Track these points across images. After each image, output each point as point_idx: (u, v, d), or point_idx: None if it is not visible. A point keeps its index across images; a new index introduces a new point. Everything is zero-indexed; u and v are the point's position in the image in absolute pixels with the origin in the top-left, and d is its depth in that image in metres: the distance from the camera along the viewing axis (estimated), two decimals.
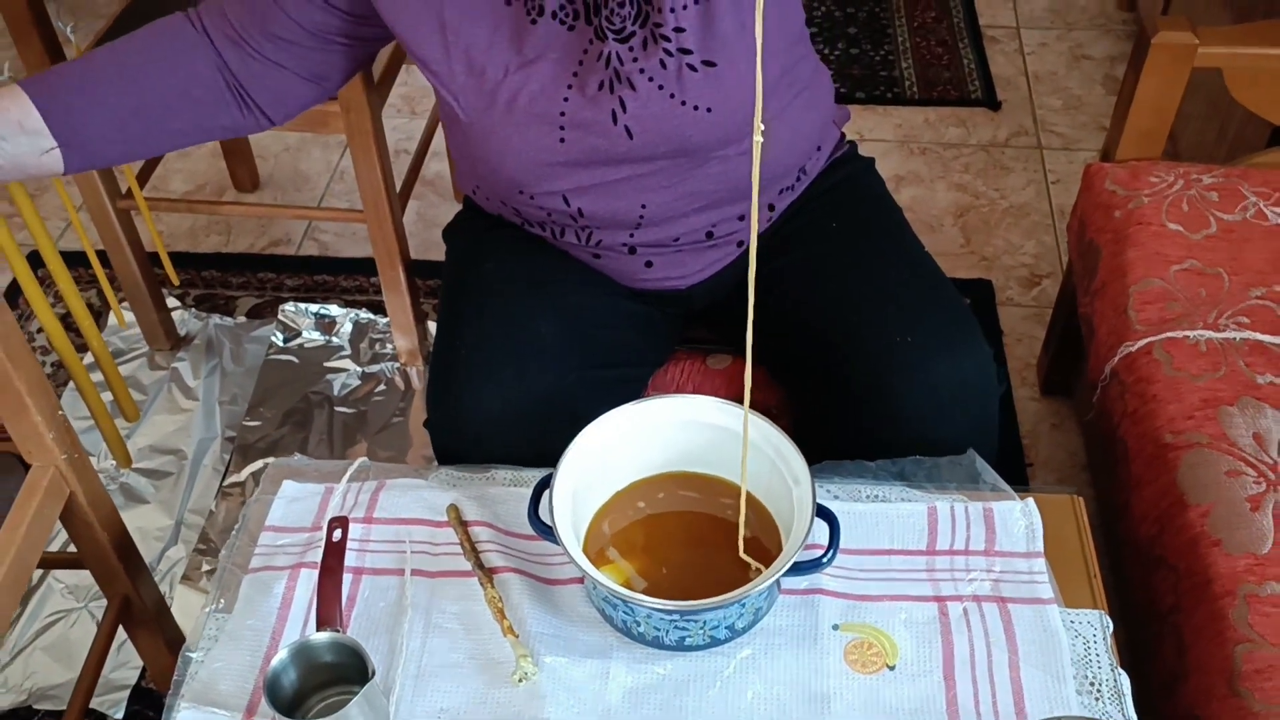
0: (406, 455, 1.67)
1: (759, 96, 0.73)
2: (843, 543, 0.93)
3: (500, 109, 1.07)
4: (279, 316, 1.84)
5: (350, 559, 1.00)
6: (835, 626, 0.93)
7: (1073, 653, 0.90)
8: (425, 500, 1.05)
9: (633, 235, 1.16)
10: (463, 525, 1.02)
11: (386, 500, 1.05)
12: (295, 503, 1.06)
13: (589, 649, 0.92)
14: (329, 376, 1.77)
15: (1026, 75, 2.32)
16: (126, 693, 1.43)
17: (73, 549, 1.22)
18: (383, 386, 1.76)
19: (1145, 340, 1.25)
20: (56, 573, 1.54)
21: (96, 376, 1.69)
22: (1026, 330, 1.83)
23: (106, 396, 1.68)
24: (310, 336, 1.82)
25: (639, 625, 0.90)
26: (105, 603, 1.49)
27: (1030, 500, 1.00)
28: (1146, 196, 1.37)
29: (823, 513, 0.91)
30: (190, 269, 1.96)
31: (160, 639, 1.31)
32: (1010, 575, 0.95)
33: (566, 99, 1.06)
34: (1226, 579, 1.03)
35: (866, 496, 1.03)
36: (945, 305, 1.13)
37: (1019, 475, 1.62)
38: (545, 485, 0.95)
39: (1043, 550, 0.97)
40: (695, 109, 1.05)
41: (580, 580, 0.97)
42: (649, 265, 1.19)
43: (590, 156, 1.09)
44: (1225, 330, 1.24)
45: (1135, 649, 1.17)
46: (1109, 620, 0.92)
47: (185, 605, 1.49)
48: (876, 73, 2.33)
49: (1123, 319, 1.29)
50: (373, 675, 0.83)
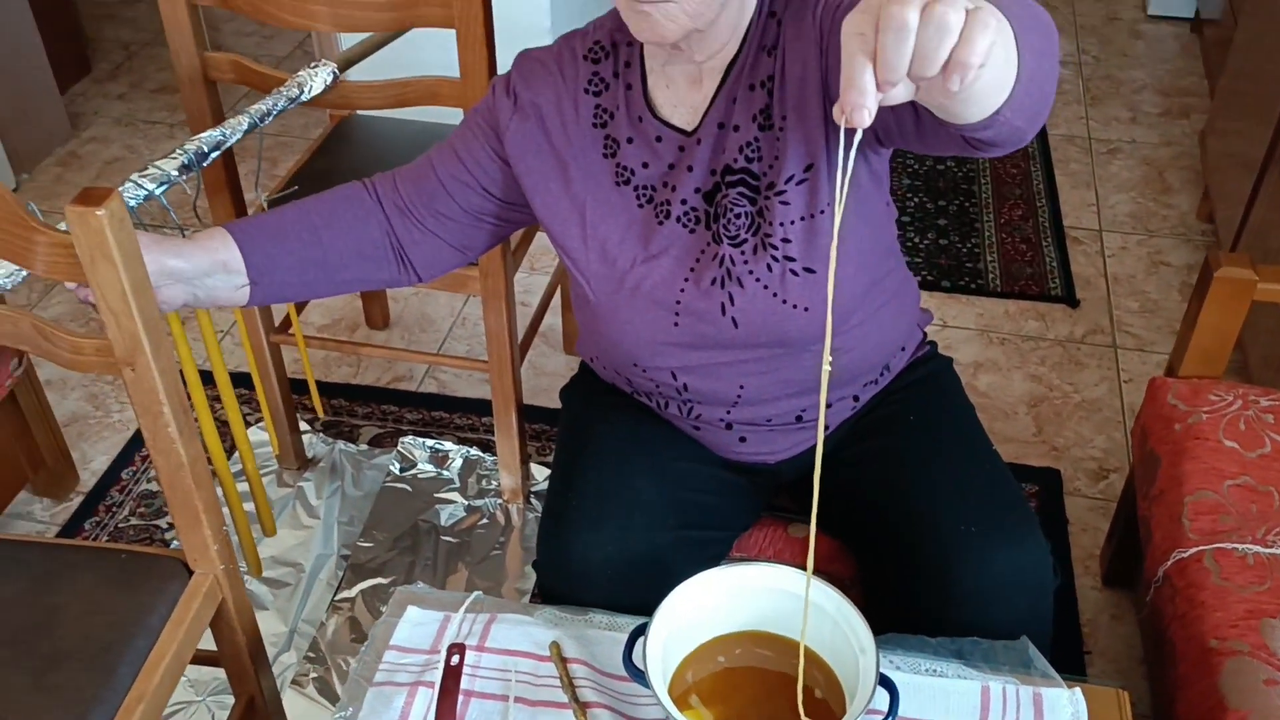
0: (503, 587, 1.81)
1: (829, 331, 0.87)
2: (901, 711, 1.04)
3: (625, 293, 1.25)
4: (398, 447, 2.02)
5: (462, 682, 1.14)
6: None
7: None
8: (531, 635, 1.18)
9: (729, 412, 1.31)
10: (563, 661, 1.15)
11: (498, 632, 1.19)
12: (418, 627, 1.21)
13: None
14: (438, 506, 1.93)
15: (1106, 276, 2.46)
16: None
17: (211, 648, 1.38)
18: (485, 520, 1.91)
19: (1196, 549, 1.35)
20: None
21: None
22: (1092, 521, 1.93)
23: (248, 507, 1.86)
24: (424, 468, 1.99)
25: None
26: (222, 698, 1.64)
27: (1078, 690, 1.10)
28: (1206, 413, 1.49)
29: (885, 681, 1.02)
30: (321, 397, 2.15)
31: None
32: None
33: (683, 289, 1.23)
34: None
35: (925, 670, 1.13)
36: (1007, 501, 1.24)
37: (1076, 663, 1.70)
38: (640, 632, 1.08)
39: None
40: (795, 308, 1.20)
41: None
42: (743, 440, 1.33)
43: (699, 340, 1.25)
44: (1273, 546, 1.33)
45: None
46: None
47: (293, 708, 1.62)
48: (963, 263, 2.49)
49: (1177, 526, 1.39)
50: None
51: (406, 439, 2.03)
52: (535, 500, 1.94)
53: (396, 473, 1.99)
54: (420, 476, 1.98)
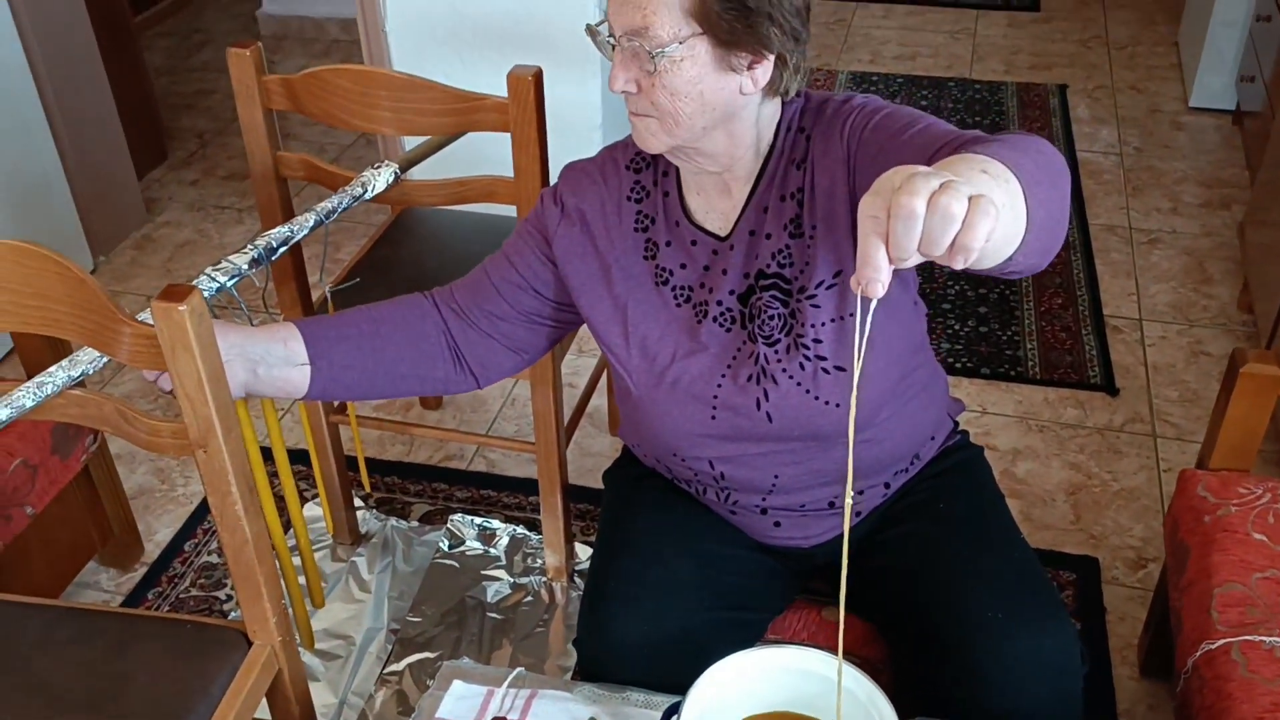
0: (545, 663, 1.85)
1: (851, 428, 0.93)
2: None
3: (665, 387, 1.31)
4: (448, 525, 2.09)
5: None
6: None
7: None
8: (570, 711, 1.23)
9: (764, 500, 1.36)
10: None
11: (539, 707, 1.24)
12: (462, 700, 1.26)
13: None
14: (485, 583, 1.99)
15: (1146, 365, 2.49)
16: None
17: (267, 717, 1.44)
18: (530, 597, 1.97)
19: (1224, 640, 1.37)
20: None
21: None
22: (1129, 610, 1.94)
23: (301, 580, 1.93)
24: (472, 545, 2.06)
25: None
26: None
27: None
28: (1235, 506, 1.51)
29: None
30: (375, 474, 2.24)
31: None
32: None
33: (720, 385, 1.29)
34: None
35: None
36: (1034, 587, 1.28)
37: None
38: (674, 710, 1.13)
39: None
40: (826, 404, 1.26)
41: None
42: (778, 525, 1.39)
43: (735, 433, 1.31)
44: None
45: None
46: None
47: None
48: (1002, 350, 2.53)
49: (1206, 618, 1.41)
50: None
51: (456, 517, 2.10)
52: (579, 579, 1.99)
53: (445, 549, 2.05)
54: (468, 553, 2.05)
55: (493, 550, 2.05)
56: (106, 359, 1.24)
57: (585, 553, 2.01)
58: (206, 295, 1.40)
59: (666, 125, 1.18)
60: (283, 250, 1.50)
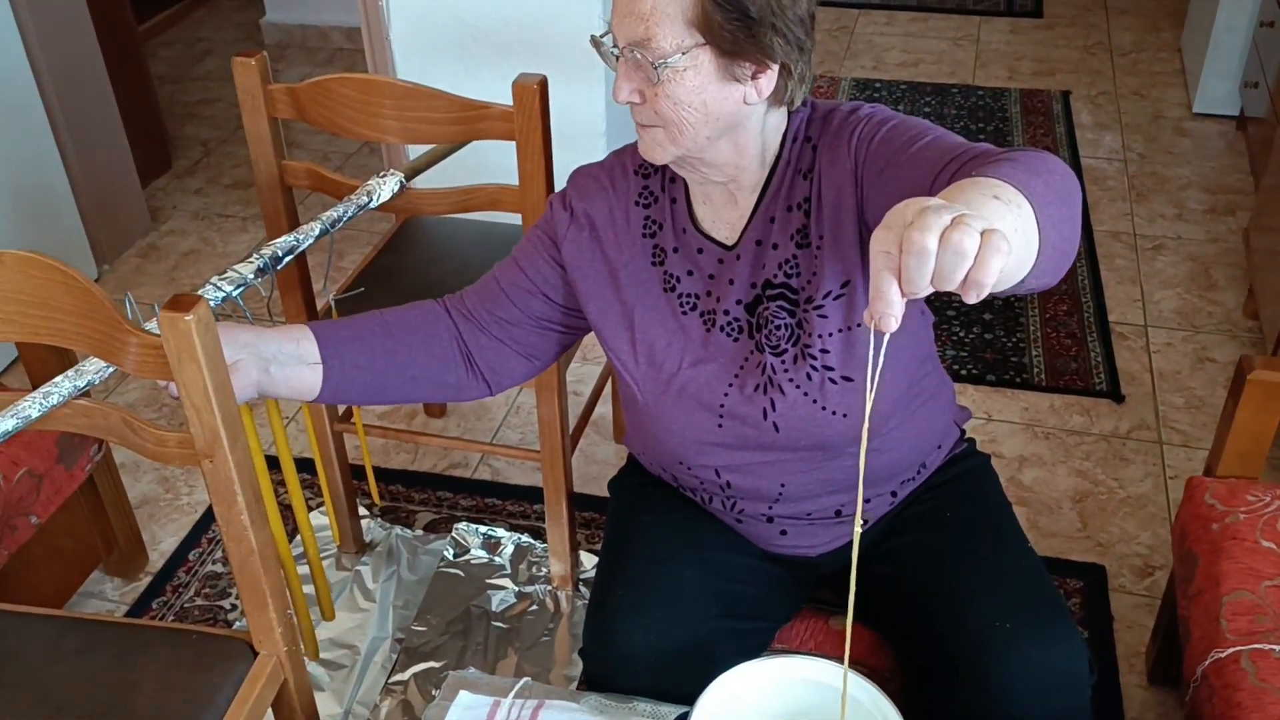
0: (551, 673, 1.85)
1: (862, 459, 0.93)
2: None
3: (672, 396, 1.31)
4: (452, 533, 2.09)
5: None
6: None
7: None
8: None
9: (771, 508, 1.36)
10: None
11: (545, 717, 1.23)
12: (468, 711, 1.26)
13: None
14: (490, 592, 1.99)
15: (1151, 372, 2.48)
16: None
17: None
18: (535, 606, 1.96)
19: (1233, 649, 1.36)
20: None
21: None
22: (1137, 618, 1.93)
23: (307, 589, 1.93)
24: (477, 554, 2.06)
25: None
26: None
27: None
28: (1243, 513, 1.51)
29: None
30: (380, 483, 2.23)
31: None
32: None
33: (726, 394, 1.29)
34: None
35: None
36: (1041, 597, 1.27)
37: None
38: None
39: None
40: (833, 414, 1.26)
41: None
42: (784, 534, 1.38)
43: (742, 442, 1.31)
44: None
45: None
46: None
47: None
48: (1008, 358, 2.52)
49: (1215, 626, 1.41)
50: None
51: (460, 525, 2.10)
52: (584, 587, 1.99)
53: (450, 558, 2.05)
54: (473, 562, 2.04)
55: (498, 559, 2.05)
56: (112, 368, 1.23)
57: (590, 561, 2.01)
58: (212, 305, 1.40)
59: (671, 135, 1.18)
60: (288, 260, 1.50)
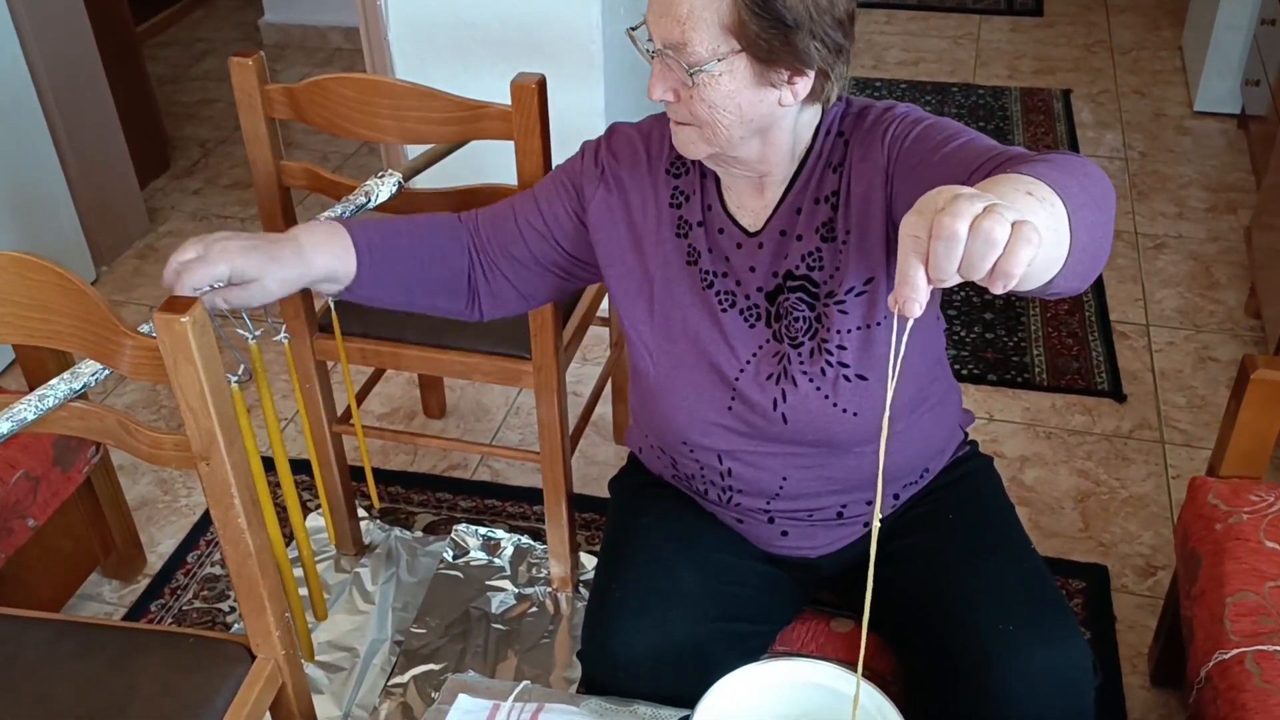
0: (551, 675, 1.84)
1: (882, 452, 0.92)
2: None
3: (685, 369, 1.30)
4: (452, 535, 2.08)
5: None
6: None
7: None
8: None
9: (769, 504, 1.35)
10: None
11: None
12: (467, 715, 1.25)
13: None
14: (489, 594, 1.98)
15: (1153, 371, 2.47)
16: None
17: None
18: (535, 608, 1.95)
19: (1238, 650, 1.36)
20: None
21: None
22: (1139, 619, 1.92)
23: (302, 591, 1.92)
24: (476, 556, 2.05)
25: None
26: None
27: None
28: (1246, 514, 1.50)
29: None
30: (379, 484, 2.23)
31: None
32: None
33: (738, 379, 1.28)
34: None
35: None
36: (1044, 599, 1.26)
37: None
38: None
39: None
40: (844, 411, 1.25)
41: None
42: (785, 534, 1.37)
43: (748, 430, 1.30)
44: None
45: None
46: None
47: None
48: (1009, 357, 2.52)
49: (1218, 627, 1.40)
50: None
51: (460, 527, 2.09)
52: (584, 589, 1.98)
53: (449, 560, 2.04)
54: (472, 564, 2.03)
55: (497, 560, 2.04)
56: (108, 371, 1.23)
57: (591, 562, 2.00)
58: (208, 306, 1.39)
59: (705, 134, 1.17)
60: None
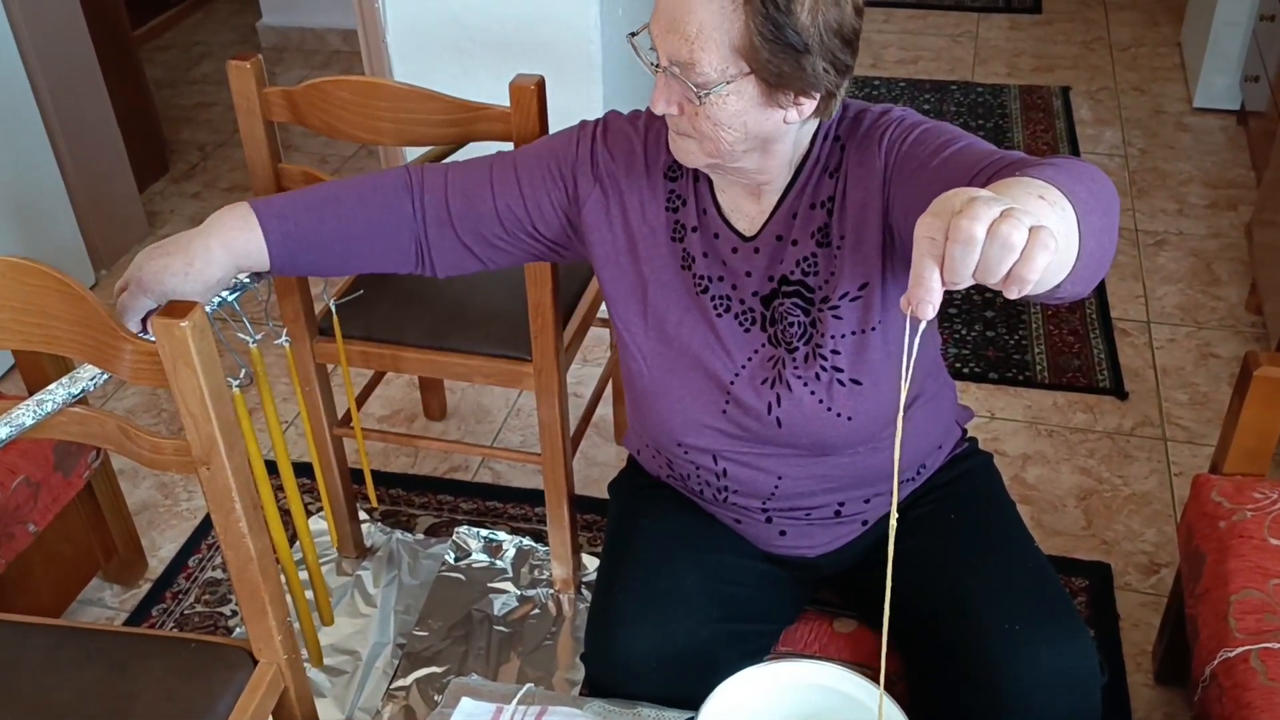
0: (554, 677, 1.84)
1: (897, 455, 0.92)
2: None
3: (680, 372, 1.30)
4: (453, 537, 2.07)
5: None
6: None
7: None
8: None
9: (765, 503, 1.34)
10: None
11: None
12: (470, 718, 1.25)
13: None
14: (491, 596, 1.97)
15: (1155, 368, 2.47)
16: None
17: None
18: (537, 610, 1.95)
19: (1243, 648, 1.35)
20: None
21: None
22: (1143, 617, 1.92)
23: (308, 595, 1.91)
24: (478, 558, 2.04)
25: None
26: None
27: None
28: (1250, 511, 1.50)
29: None
30: (380, 486, 2.22)
31: None
32: None
33: (733, 382, 1.28)
34: None
35: None
36: (1051, 598, 1.26)
37: None
38: None
39: None
40: (838, 416, 1.25)
41: None
42: (783, 534, 1.37)
43: (743, 433, 1.29)
44: None
45: None
46: None
47: None
48: (1010, 356, 2.51)
49: (1223, 625, 1.40)
50: None
51: (461, 529, 2.09)
52: (586, 590, 1.98)
53: (451, 562, 2.03)
54: (474, 566, 2.03)
55: (499, 562, 2.03)
56: (107, 375, 1.22)
57: (593, 564, 2.00)
58: (209, 310, 1.38)
59: (706, 147, 1.16)
60: None
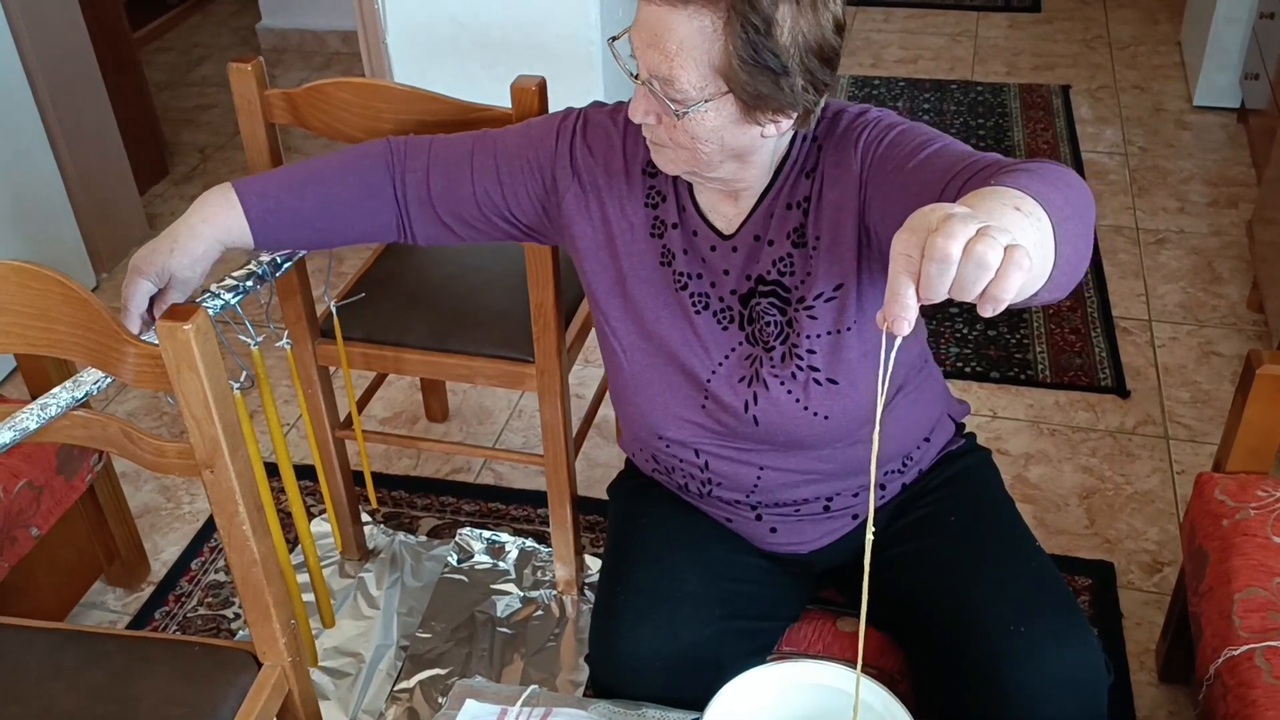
0: (557, 678, 1.83)
1: (874, 470, 0.91)
2: None
3: (659, 368, 1.31)
4: (456, 539, 2.07)
5: None
6: None
7: None
8: None
9: (749, 497, 1.34)
10: None
11: None
12: None
13: None
14: (494, 597, 1.97)
15: (1156, 367, 2.47)
16: None
17: None
18: (540, 611, 1.95)
19: (1247, 647, 1.35)
20: None
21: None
22: (1146, 615, 1.92)
23: (307, 597, 1.91)
24: (481, 559, 2.04)
25: None
26: None
27: None
28: (1254, 509, 1.49)
29: None
30: (382, 488, 2.22)
31: None
32: None
33: (709, 380, 1.28)
34: None
35: None
36: (1055, 599, 1.26)
37: None
38: None
39: None
40: (815, 415, 1.25)
41: None
42: (774, 531, 1.37)
43: (721, 429, 1.30)
44: None
45: None
46: None
47: None
48: (1012, 354, 2.51)
49: (1227, 623, 1.39)
50: None
51: (464, 530, 2.09)
52: (589, 591, 1.97)
53: (454, 564, 2.03)
54: (477, 567, 2.03)
55: (502, 564, 2.03)
56: (110, 379, 1.22)
57: (596, 565, 1.99)
58: (211, 313, 1.38)
59: (684, 158, 1.17)
60: (287, 266, 1.49)
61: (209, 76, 4.10)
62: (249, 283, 1.42)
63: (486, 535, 2.07)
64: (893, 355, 0.84)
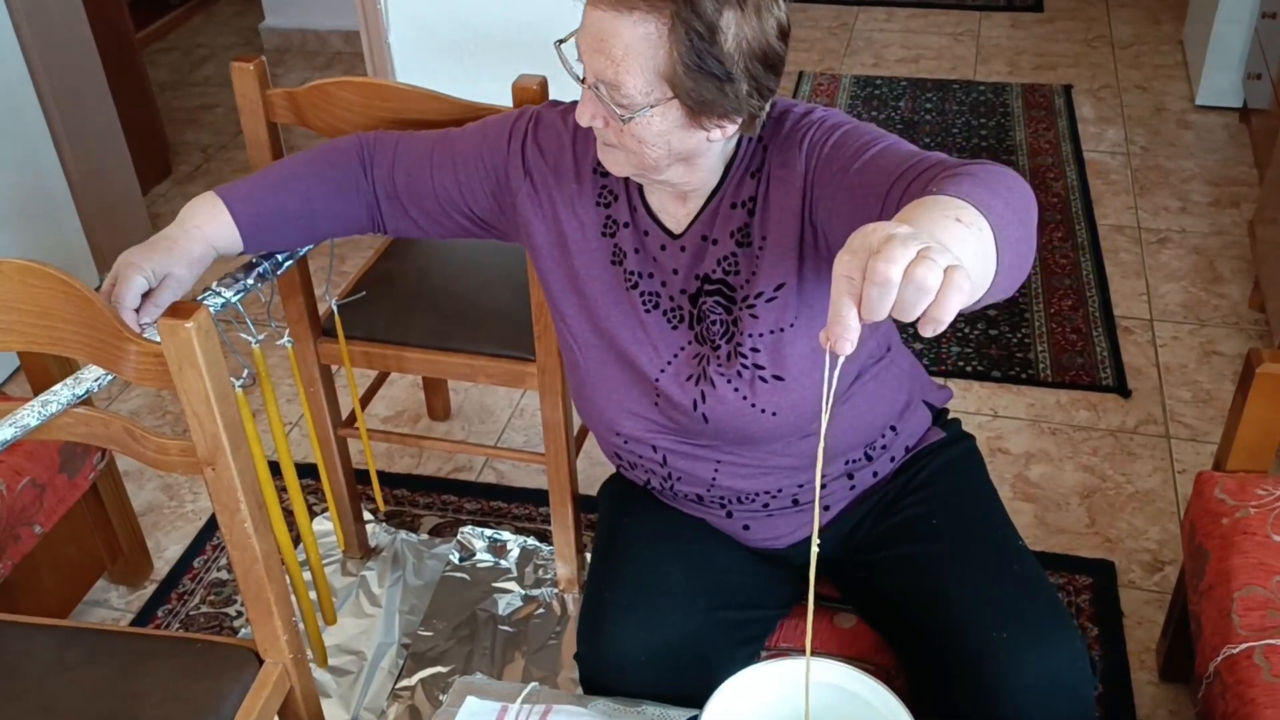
0: (558, 676, 1.84)
1: (818, 483, 0.92)
2: None
3: (612, 365, 1.32)
4: (458, 537, 2.08)
5: None
6: None
7: None
8: None
9: (710, 491, 1.35)
10: None
11: None
12: (475, 717, 1.25)
13: None
14: (496, 595, 1.98)
15: (1158, 366, 2.47)
16: None
17: None
18: (541, 610, 1.95)
19: (1246, 645, 1.35)
20: None
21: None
22: (1147, 614, 1.92)
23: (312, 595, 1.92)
24: (483, 558, 2.05)
25: None
26: None
27: None
28: (1254, 508, 1.50)
29: None
30: (384, 487, 2.23)
31: None
32: None
33: (658, 380, 1.30)
34: None
35: None
36: (1037, 602, 1.25)
37: None
38: None
39: None
40: (762, 411, 1.26)
41: None
42: (746, 529, 1.38)
43: (674, 425, 1.32)
44: None
45: None
46: None
47: None
48: (1013, 353, 2.51)
49: (1226, 622, 1.40)
50: None
51: (466, 529, 2.09)
52: None
53: (456, 562, 2.04)
54: (479, 566, 2.03)
55: (503, 562, 2.04)
56: (111, 376, 1.23)
57: None
58: (213, 311, 1.39)
59: (632, 160, 1.18)
60: (288, 264, 1.50)
61: (212, 76, 4.10)
62: (251, 281, 1.42)
63: (488, 534, 2.08)
64: (836, 372, 0.84)
